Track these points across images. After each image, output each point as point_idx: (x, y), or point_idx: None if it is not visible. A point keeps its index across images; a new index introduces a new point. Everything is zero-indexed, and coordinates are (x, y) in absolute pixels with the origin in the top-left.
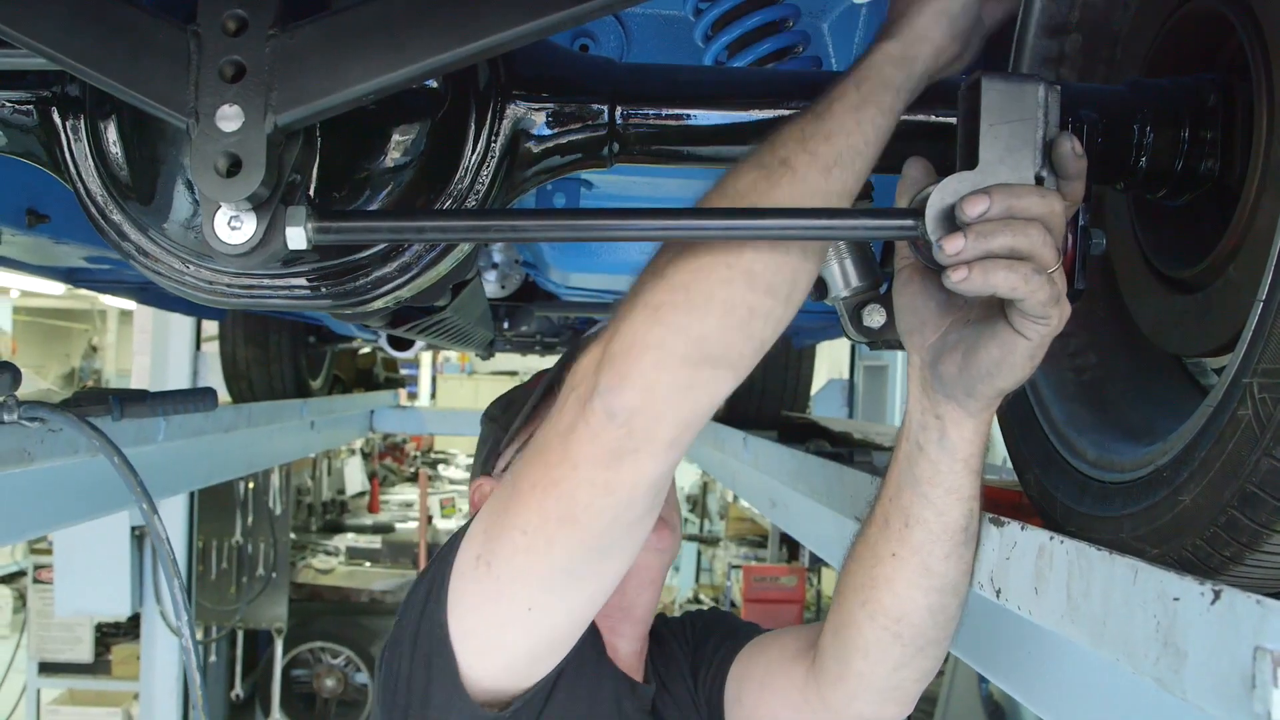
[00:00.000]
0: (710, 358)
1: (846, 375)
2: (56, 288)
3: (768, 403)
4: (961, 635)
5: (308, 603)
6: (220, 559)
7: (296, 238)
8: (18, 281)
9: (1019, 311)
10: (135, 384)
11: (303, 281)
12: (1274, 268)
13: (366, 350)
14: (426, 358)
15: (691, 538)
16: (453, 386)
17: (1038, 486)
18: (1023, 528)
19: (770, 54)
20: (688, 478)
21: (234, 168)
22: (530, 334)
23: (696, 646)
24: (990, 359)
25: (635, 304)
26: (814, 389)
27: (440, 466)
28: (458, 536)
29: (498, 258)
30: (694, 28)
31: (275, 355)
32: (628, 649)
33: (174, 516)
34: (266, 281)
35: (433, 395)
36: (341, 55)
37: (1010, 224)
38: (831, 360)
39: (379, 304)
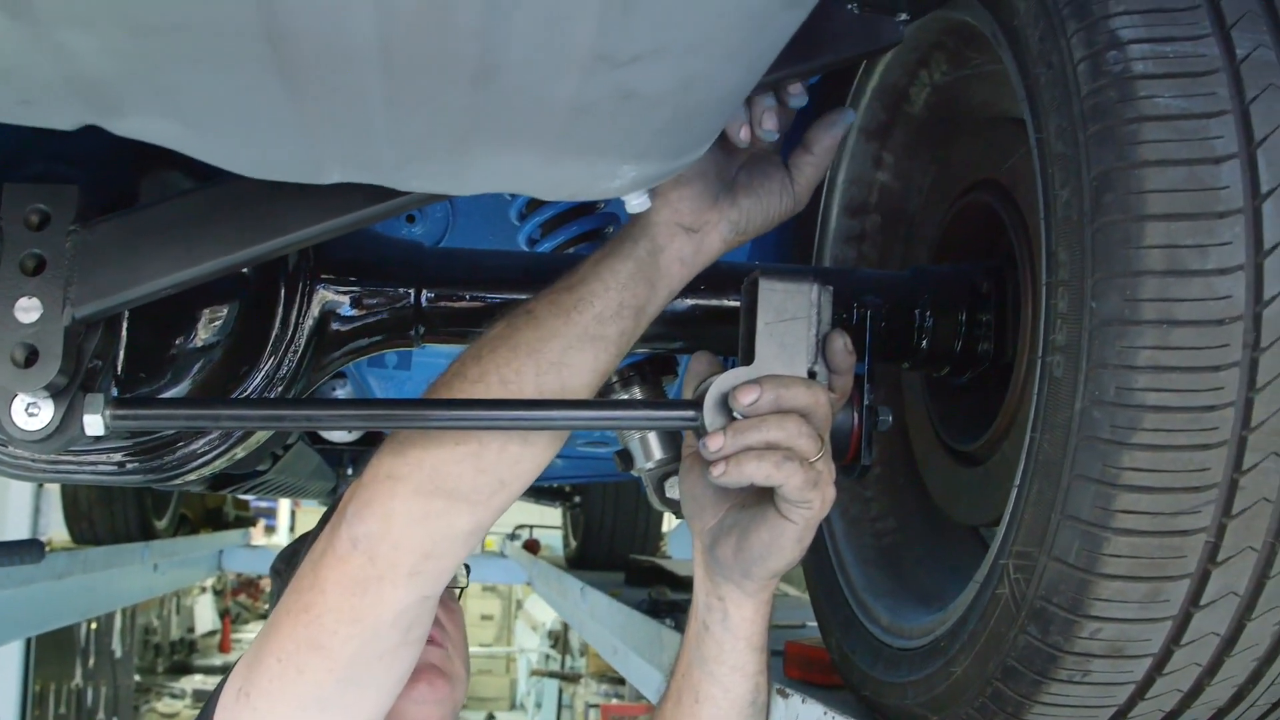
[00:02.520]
0: (443, 490)
1: None
2: None
3: (619, 543)
4: None
5: None
6: (59, 704)
7: (94, 425)
8: None
9: (781, 497)
10: None
11: (115, 459)
12: (1025, 458)
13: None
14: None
15: (553, 674)
16: (313, 519)
17: (838, 650)
18: (803, 700)
19: (579, 235)
20: (551, 613)
21: (31, 357)
22: None
23: None
24: (761, 543)
25: (387, 439)
26: (669, 527)
27: None
28: (227, 674)
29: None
30: (509, 207)
31: (119, 495)
32: None
33: (9, 660)
34: (78, 459)
35: (291, 528)
36: (141, 251)
37: (766, 420)
38: None
39: (190, 478)
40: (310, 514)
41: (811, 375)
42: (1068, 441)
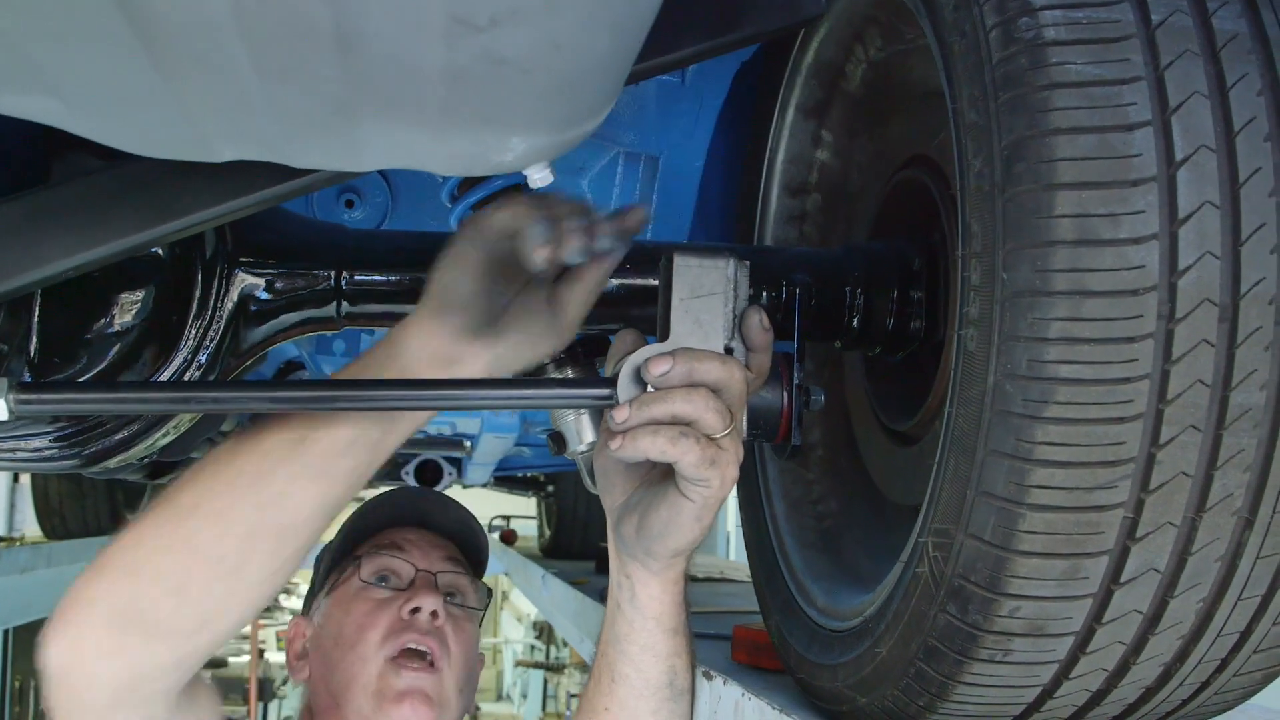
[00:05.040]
0: (138, 624)
1: None
2: None
3: (591, 533)
4: None
5: None
6: (39, 698)
7: None
8: None
9: (679, 474)
10: None
11: (35, 445)
12: (944, 434)
13: None
14: None
15: (537, 665)
16: None
17: (777, 632)
18: (725, 683)
19: None
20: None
21: None
22: None
23: None
24: (660, 520)
25: (100, 552)
26: None
27: (280, 597)
28: None
29: None
30: (440, 189)
31: (89, 489)
32: None
33: None
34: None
35: None
36: (42, 233)
37: (674, 393)
38: None
39: (113, 463)
40: None
41: (729, 352)
42: (981, 416)
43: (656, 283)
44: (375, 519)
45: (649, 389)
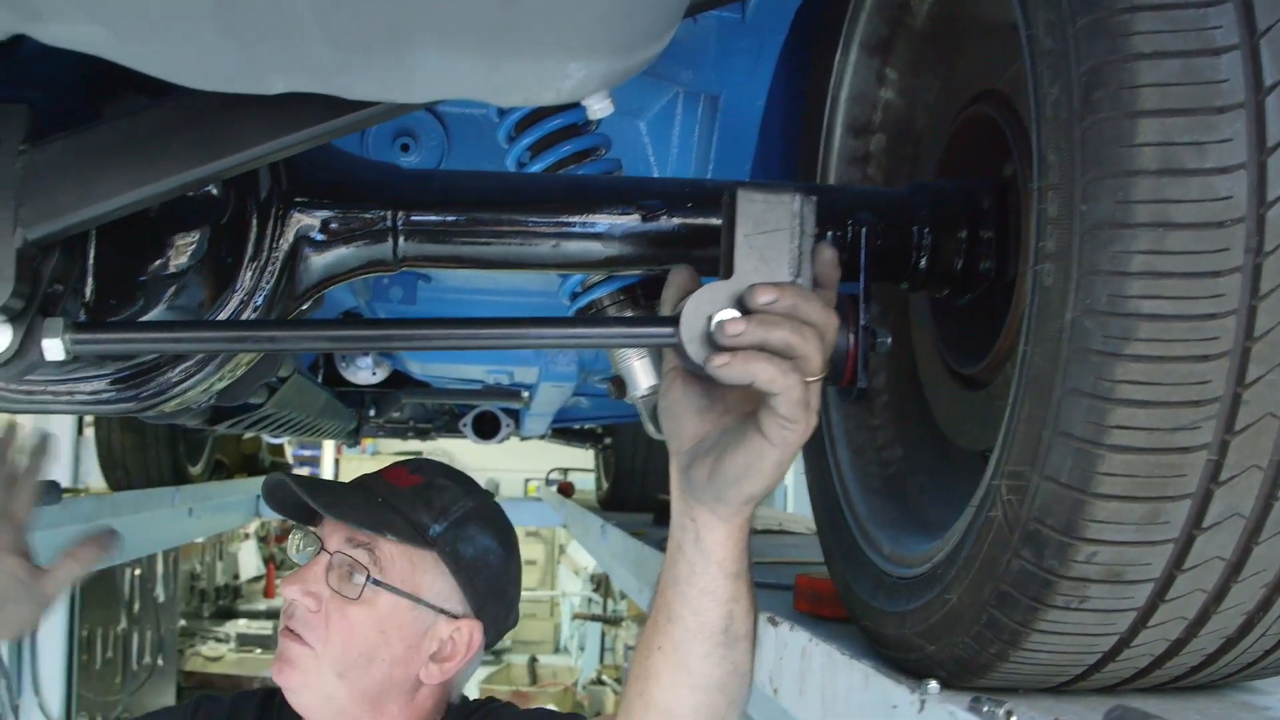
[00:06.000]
0: None
1: None
2: None
3: (649, 484)
4: None
5: (198, 691)
6: (105, 648)
7: (54, 349)
8: None
9: (770, 410)
10: None
11: (91, 388)
12: (1018, 374)
13: (251, 435)
14: (329, 440)
15: (595, 617)
16: (355, 467)
17: (842, 580)
18: (791, 628)
19: (569, 156)
20: (591, 558)
21: None
22: (402, 420)
23: None
24: (737, 465)
25: None
26: None
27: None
28: None
29: None
30: (498, 129)
31: (152, 441)
32: None
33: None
34: (48, 388)
35: (335, 477)
36: (93, 170)
37: (792, 321)
38: None
39: (165, 408)
40: (354, 461)
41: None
42: (1059, 354)
43: (718, 222)
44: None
45: (714, 324)
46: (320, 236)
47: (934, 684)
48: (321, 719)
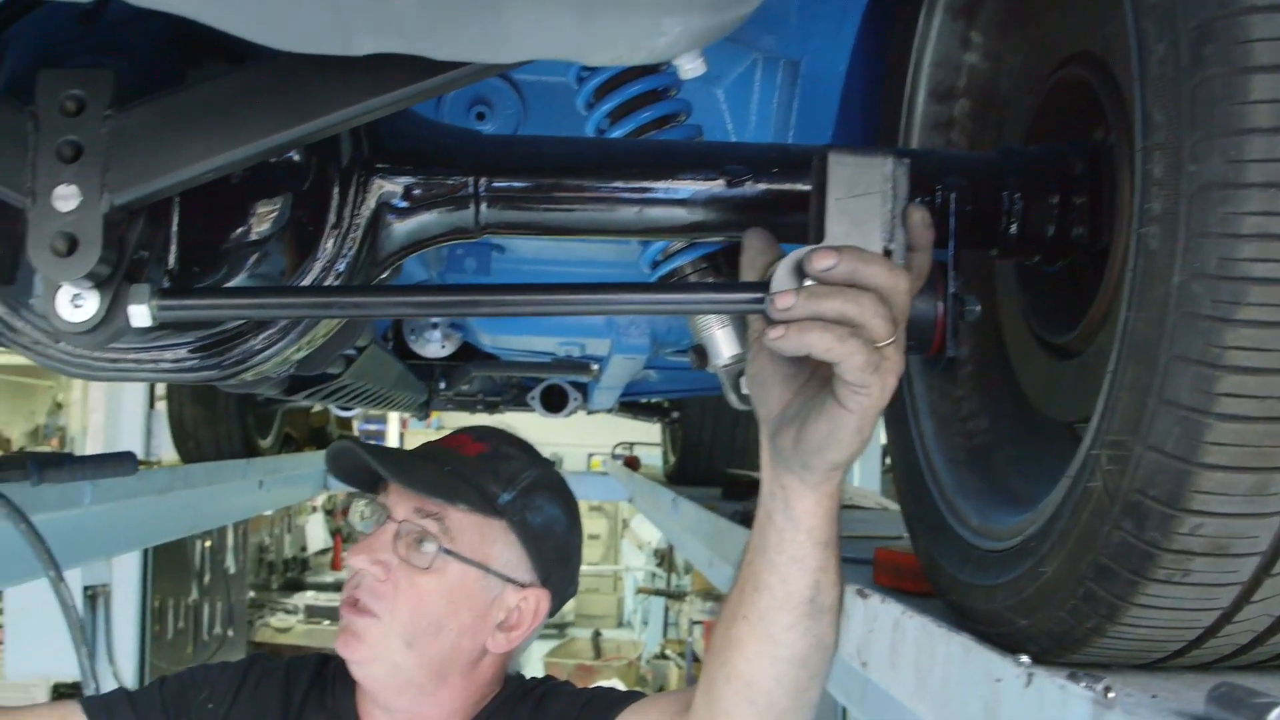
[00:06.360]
0: None
1: None
2: None
3: (717, 459)
4: (868, 702)
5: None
6: (177, 618)
7: (139, 315)
8: None
9: (840, 379)
10: (91, 442)
11: (174, 355)
12: (1119, 340)
13: (319, 409)
14: (394, 414)
15: (659, 592)
16: (420, 440)
17: (926, 553)
18: (882, 600)
19: (650, 122)
20: (656, 532)
21: (71, 247)
22: (471, 393)
23: None
24: (819, 434)
25: None
26: None
27: None
28: None
29: (436, 319)
30: (577, 96)
31: (222, 414)
32: None
33: (128, 576)
34: (131, 356)
35: None
36: (178, 134)
37: (844, 290)
38: None
39: (247, 376)
40: (419, 435)
41: (886, 254)
42: (1164, 319)
43: (803, 187)
44: (354, 457)
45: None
46: (402, 203)
47: (1025, 659)
48: (386, 690)
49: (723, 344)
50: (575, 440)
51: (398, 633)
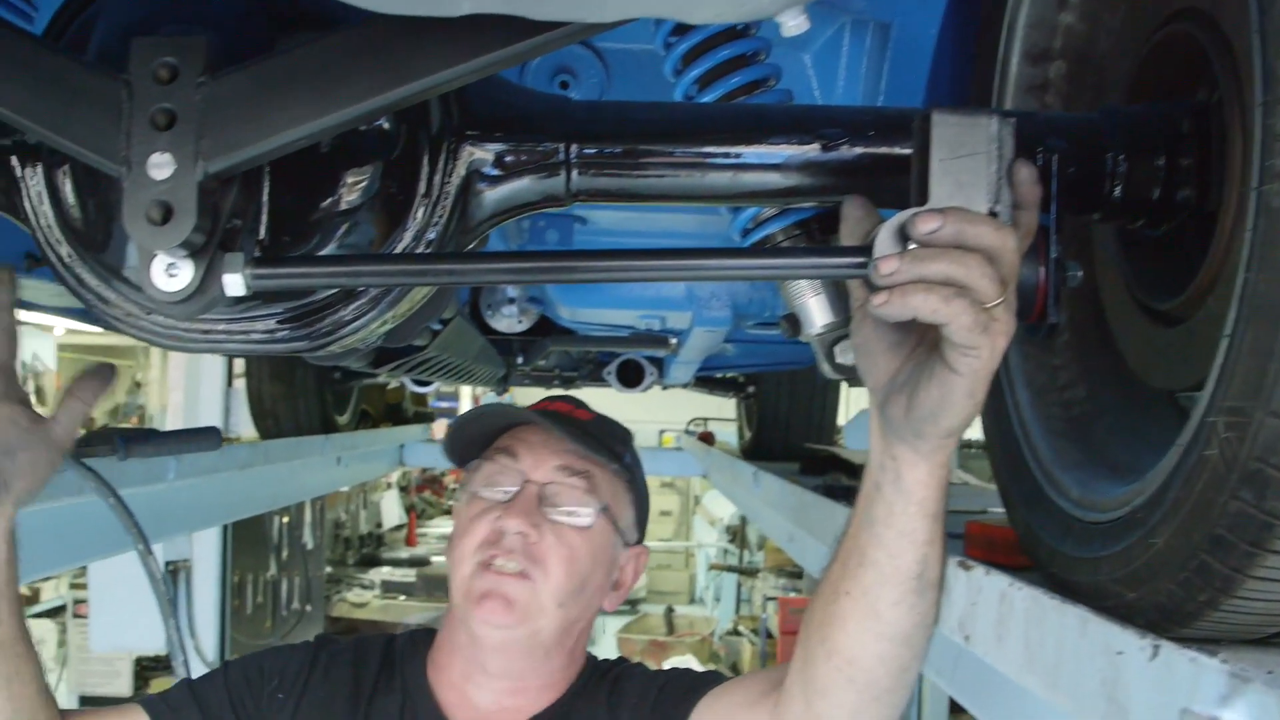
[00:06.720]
0: None
1: None
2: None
3: (793, 434)
4: (959, 678)
5: (344, 636)
6: (255, 593)
7: (234, 284)
8: (62, 320)
9: (948, 342)
10: (170, 420)
11: (265, 326)
12: (1238, 303)
13: (395, 385)
14: (466, 391)
15: (731, 568)
16: None
17: (1024, 526)
18: (986, 572)
19: (740, 87)
20: (728, 508)
21: (166, 215)
22: (547, 368)
23: (654, 705)
24: (931, 399)
25: None
26: (845, 419)
27: None
28: None
29: (513, 293)
30: (664, 62)
31: (300, 391)
32: (486, 699)
33: (208, 551)
34: (223, 327)
35: None
36: (271, 101)
37: (947, 252)
38: (865, 391)
39: (337, 347)
40: None
41: (992, 216)
42: None
43: (900, 151)
44: (502, 416)
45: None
46: (493, 171)
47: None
48: (516, 655)
49: (815, 312)
50: (645, 416)
51: (550, 593)
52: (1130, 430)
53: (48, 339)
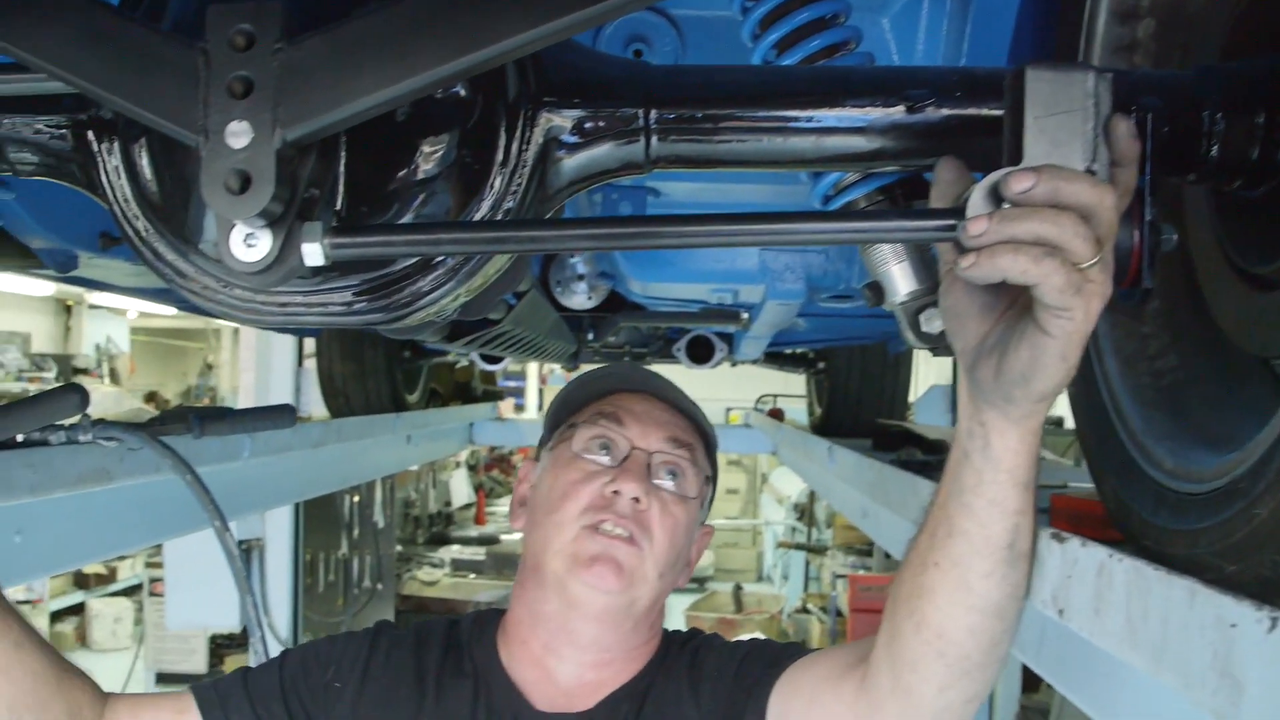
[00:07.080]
0: None
1: (950, 381)
2: (170, 307)
3: (864, 410)
4: (1045, 654)
5: (414, 614)
6: (327, 571)
7: (313, 254)
8: (134, 302)
9: (1039, 304)
10: (242, 401)
11: (343, 298)
12: None
13: (464, 364)
14: (533, 369)
15: (799, 546)
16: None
17: (1114, 497)
18: (1083, 544)
19: (819, 51)
20: (796, 486)
21: (244, 184)
22: (617, 345)
23: (735, 677)
24: (1021, 362)
25: None
26: (916, 395)
27: None
28: None
29: (583, 269)
30: (741, 26)
31: (371, 370)
32: (569, 674)
33: (280, 530)
34: (300, 299)
35: (540, 407)
36: (348, 67)
37: (1039, 211)
38: (936, 366)
39: (414, 319)
40: (555, 390)
41: (1089, 174)
42: None
43: (988, 111)
44: (604, 383)
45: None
46: (571, 137)
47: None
48: (612, 624)
49: (899, 280)
50: (711, 394)
51: (654, 562)
52: (1225, 398)
53: (121, 322)
